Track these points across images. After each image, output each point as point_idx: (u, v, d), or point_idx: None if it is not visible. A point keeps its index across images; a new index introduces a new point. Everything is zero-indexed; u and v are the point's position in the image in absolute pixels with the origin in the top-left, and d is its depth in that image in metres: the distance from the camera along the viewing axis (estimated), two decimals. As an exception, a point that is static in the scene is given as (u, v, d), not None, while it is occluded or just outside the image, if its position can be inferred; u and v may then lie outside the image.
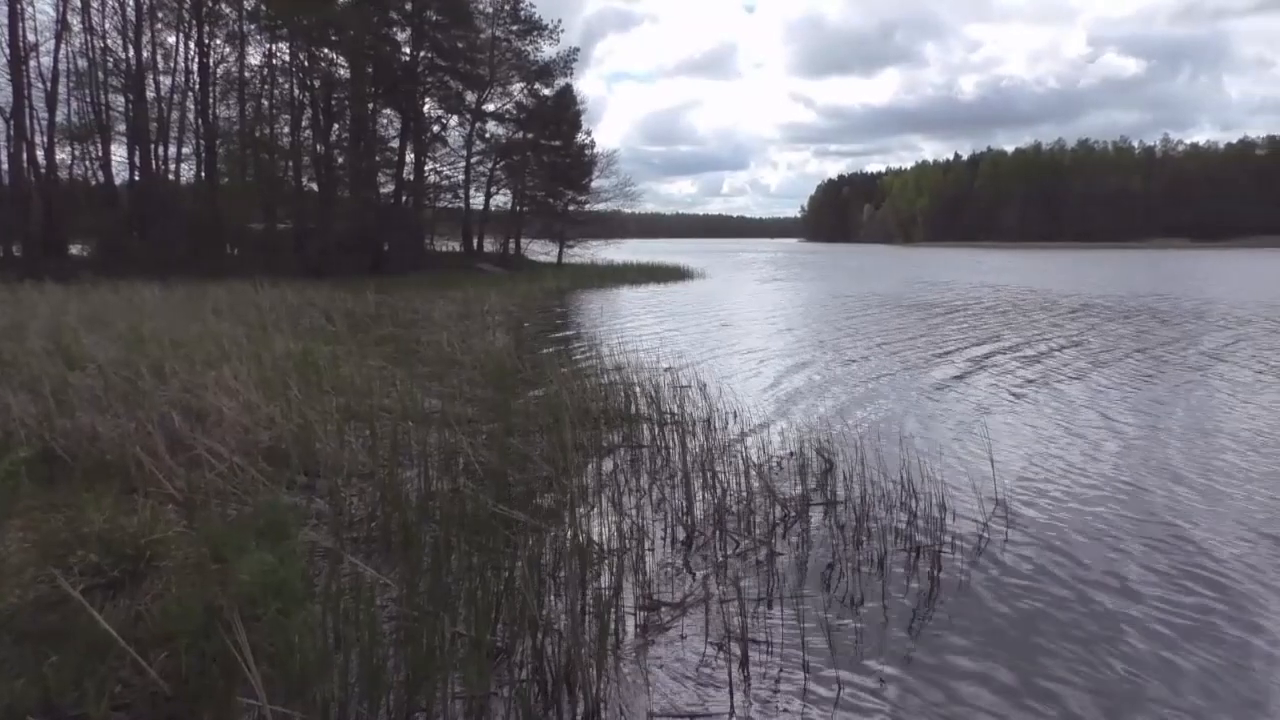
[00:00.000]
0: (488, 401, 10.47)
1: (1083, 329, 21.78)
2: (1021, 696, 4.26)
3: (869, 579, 5.70)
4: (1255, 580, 5.71)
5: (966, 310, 27.45)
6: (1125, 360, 16.06)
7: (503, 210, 55.46)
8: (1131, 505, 7.38)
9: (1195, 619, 5.14)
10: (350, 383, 10.74)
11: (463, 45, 46.34)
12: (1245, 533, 6.65)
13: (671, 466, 8.08)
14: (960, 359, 16.25)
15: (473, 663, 4.20)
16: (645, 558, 5.88)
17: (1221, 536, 6.58)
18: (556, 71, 52.73)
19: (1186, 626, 5.04)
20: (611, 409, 10.19)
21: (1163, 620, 5.12)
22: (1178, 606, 5.31)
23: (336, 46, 40.20)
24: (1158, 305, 29.18)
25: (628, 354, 14.82)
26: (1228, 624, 5.07)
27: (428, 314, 21.46)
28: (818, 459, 7.97)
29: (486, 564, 5.20)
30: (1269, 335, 20.06)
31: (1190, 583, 5.68)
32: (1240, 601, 5.38)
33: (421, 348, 15.08)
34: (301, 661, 3.95)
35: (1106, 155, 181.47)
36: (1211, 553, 6.22)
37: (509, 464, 7.61)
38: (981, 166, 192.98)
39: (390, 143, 45.54)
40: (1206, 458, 8.96)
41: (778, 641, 4.75)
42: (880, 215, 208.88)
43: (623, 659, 4.54)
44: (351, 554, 5.50)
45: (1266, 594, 5.49)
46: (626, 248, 66.43)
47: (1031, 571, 5.89)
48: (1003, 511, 7.00)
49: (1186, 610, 5.26)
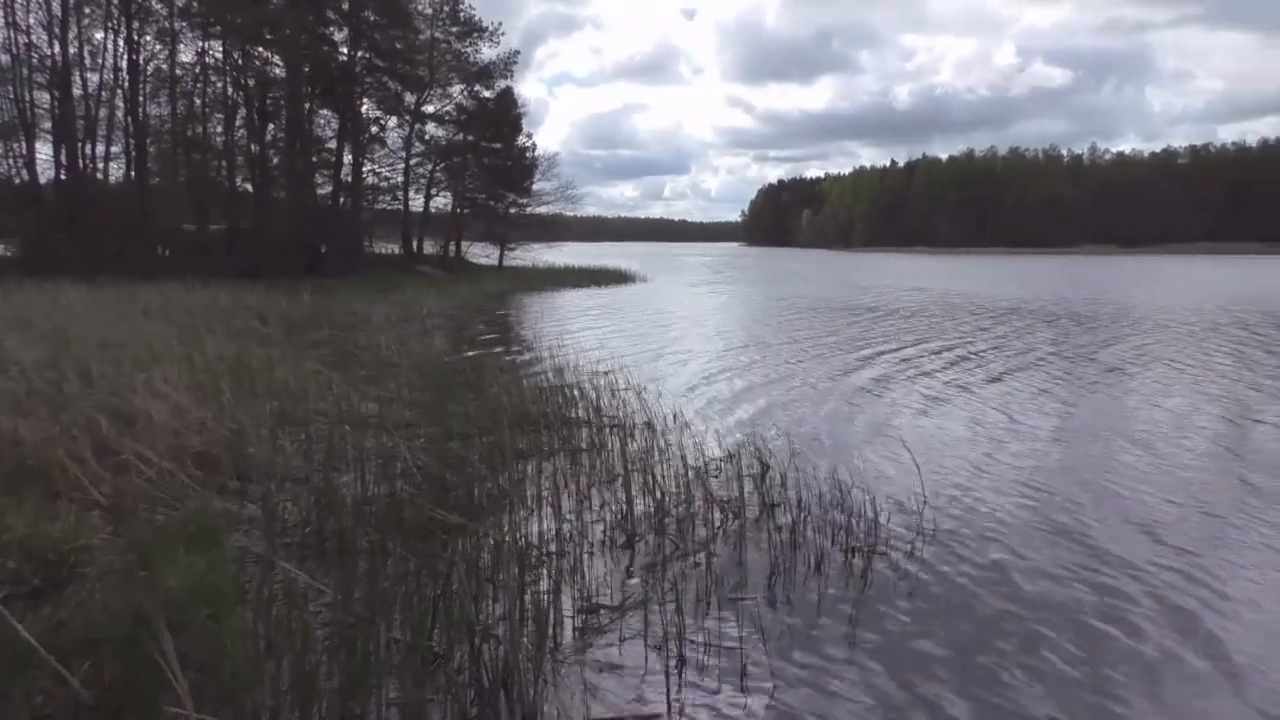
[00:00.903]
0: (426, 405, 10.37)
1: (1009, 332, 22.27)
2: (955, 689, 4.34)
3: (805, 579, 5.76)
4: (1166, 569, 5.90)
5: (898, 314, 27.89)
6: (1047, 363, 16.47)
7: (443, 212, 55.02)
8: (1052, 501, 7.59)
9: (1115, 606, 5.30)
10: (285, 386, 10.57)
11: (401, 46, 45.79)
12: (1156, 526, 6.87)
13: (611, 470, 8.09)
14: (890, 362, 16.51)
15: (409, 669, 4.16)
16: (584, 561, 5.87)
17: (1135, 528, 6.80)
18: (497, 74, 52.47)
19: (1107, 614, 5.18)
20: (551, 412, 10.16)
21: (1085, 608, 5.26)
22: (1098, 595, 5.47)
23: (271, 45, 39.47)
24: (1082, 310, 29.96)
25: (568, 357, 14.81)
26: (1144, 611, 5.23)
27: (366, 317, 21.19)
28: (755, 461, 8.03)
29: (424, 569, 5.15)
30: (1182, 340, 20.71)
31: (1108, 571, 5.85)
32: (1153, 589, 5.56)
33: (359, 351, 14.89)
34: (231, 669, 3.88)
35: (1037, 163, 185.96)
36: (1126, 543, 6.41)
37: (447, 468, 7.55)
38: (917, 173, 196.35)
39: (328, 143, 44.83)
40: (1120, 455, 9.25)
41: (715, 642, 4.78)
42: (819, 220, 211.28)
43: (561, 662, 4.53)
44: (285, 560, 5.40)
45: (1177, 581, 5.67)
46: (568, 251, 66.36)
47: (961, 568, 6.01)
48: (933, 510, 7.14)
49: (1107, 598, 5.42)
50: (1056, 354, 17.91)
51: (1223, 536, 6.76)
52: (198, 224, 40.17)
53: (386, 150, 49.72)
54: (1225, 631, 5.05)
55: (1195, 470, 8.79)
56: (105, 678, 3.88)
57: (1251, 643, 4.92)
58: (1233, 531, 6.88)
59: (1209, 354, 17.88)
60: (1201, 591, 5.63)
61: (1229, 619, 5.23)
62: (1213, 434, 10.44)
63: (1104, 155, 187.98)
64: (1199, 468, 8.93)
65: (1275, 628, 5.14)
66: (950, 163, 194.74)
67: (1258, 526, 6.98)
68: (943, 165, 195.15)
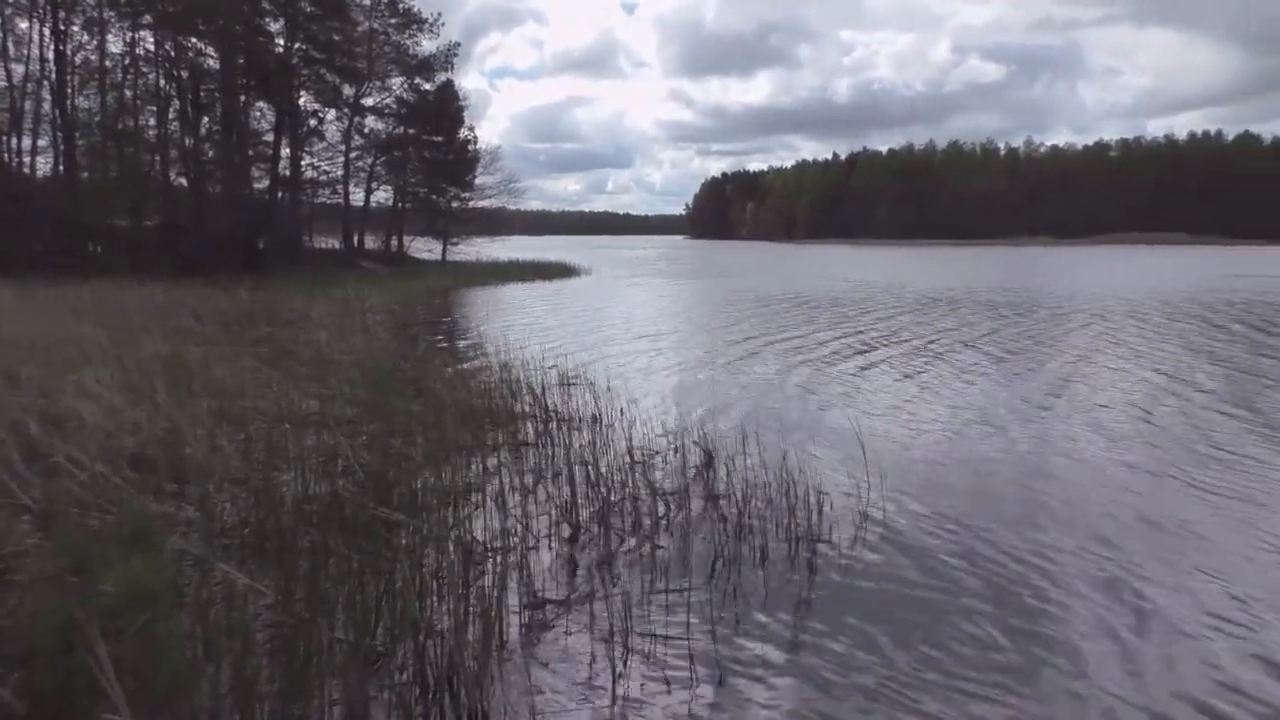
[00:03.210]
0: (368, 402, 10.24)
1: (948, 323, 22.65)
2: (899, 676, 4.41)
3: (750, 569, 5.81)
4: (1107, 549, 6.05)
5: (840, 304, 28.22)
6: (987, 349, 16.78)
7: (384, 207, 54.44)
8: (993, 488, 7.75)
9: (1057, 590, 5.43)
10: (223, 385, 10.37)
11: (339, 38, 45.17)
12: (1098, 507, 7.05)
13: (556, 464, 8.08)
14: (835, 351, 16.71)
15: (351, 668, 4.12)
16: (530, 556, 5.86)
17: (1078, 510, 6.95)
18: (437, 66, 52.03)
19: (1048, 597, 5.31)
20: (496, 407, 10.12)
21: (1029, 593, 5.38)
22: (1042, 579, 5.59)
23: (204, 36, 38.65)
24: (1018, 299, 30.58)
25: (513, 351, 14.73)
26: (1085, 594, 5.36)
27: (306, 313, 20.86)
28: (700, 452, 8.08)
29: (367, 567, 5.09)
30: (1116, 326, 21.26)
31: (1051, 555, 5.99)
32: (1094, 571, 5.70)
33: (299, 348, 14.65)
34: (169, 674, 3.80)
35: (974, 156, 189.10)
36: (1068, 526, 6.56)
37: (390, 465, 7.47)
38: (858, 166, 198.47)
39: (264, 137, 44.09)
40: (1062, 437, 9.46)
41: (662, 634, 4.80)
42: (763, 213, 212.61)
43: (507, 658, 4.52)
44: (224, 561, 5.31)
45: (1119, 561, 5.83)
46: (512, 245, 65.87)
47: (906, 554, 6.11)
48: (877, 496, 7.25)
49: (1049, 582, 5.54)
50: (999, 340, 18.26)
51: (1165, 515, 6.94)
52: (131, 220, 39.16)
53: (325, 144, 49.07)
54: (1166, 613, 5.19)
55: (1136, 450, 9.04)
56: (37, 687, 3.78)
57: (1192, 625, 5.07)
58: (1174, 511, 7.06)
59: (1145, 339, 18.38)
60: (1142, 573, 5.78)
61: (1170, 600, 5.37)
62: (1151, 413, 10.73)
63: (1038, 149, 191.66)
64: (1140, 447, 9.19)
65: (1215, 609, 5.29)
66: (890, 156, 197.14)
67: (1195, 505, 7.19)
68: (883, 158, 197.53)
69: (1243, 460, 8.65)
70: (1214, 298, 30.84)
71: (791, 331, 20.54)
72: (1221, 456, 8.80)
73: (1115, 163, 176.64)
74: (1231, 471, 8.25)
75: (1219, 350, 17.02)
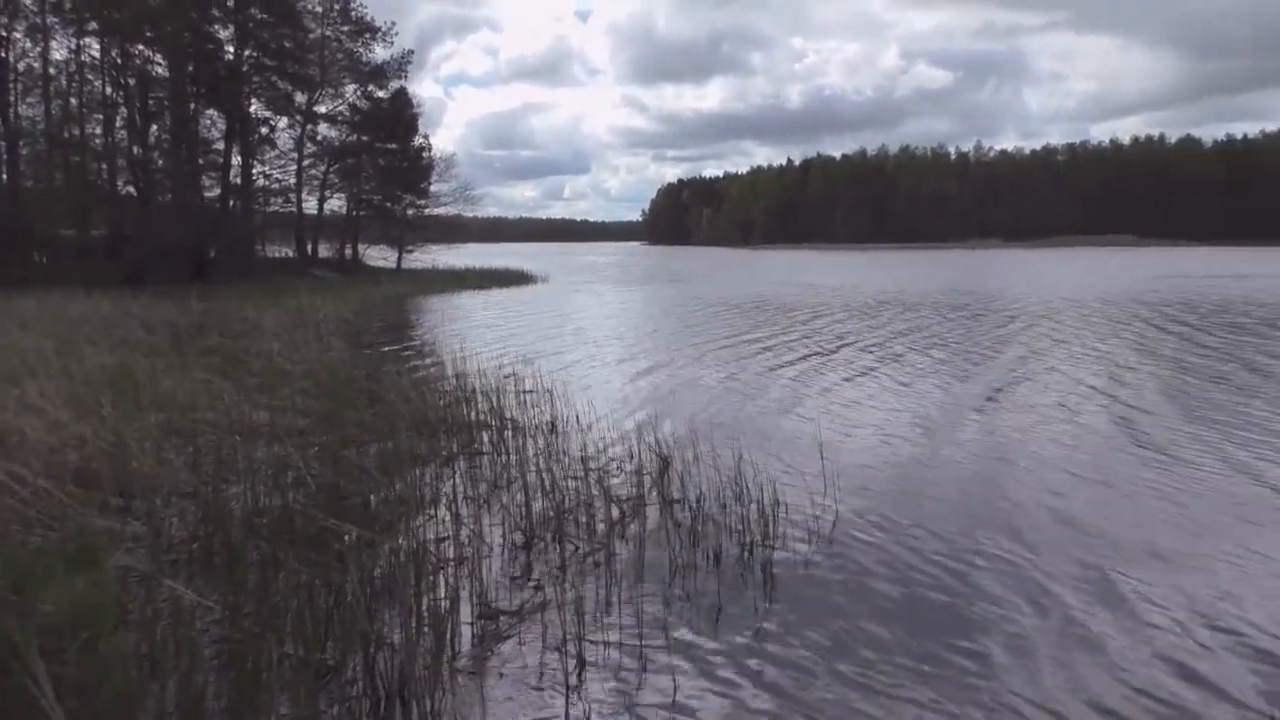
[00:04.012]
0: (321, 412, 10.14)
1: (900, 326, 22.91)
2: (853, 681, 4.43)
3: (705, 576, 5.83)
4: (1061, 549, 6.16)
5: (795, 309, 28.43)
6: (942, 352, 17.00)
7: (338, 215, 53.84)
8: (943, 489, 7.85)
9: (1011, 593, 5.50)
10: (172, 397, 10.20)
11: (290, 45, 44.71)
12: (1051, 505, 7.18)
13: (510, 472, 8.05)
14: (789, 355, 16.83)
15: (301, 683, 4.08)
16: (483, 566, 5.82)
17: (1028, 517, 7.06)
18: (390, 74, 51.70)
19: (1003, 600, 5.38)
20: (451, 416, 10.06)
21: (983, 596, 5.45)
22: (992, 581, 5.67)
23: (152, 43, 38.02)
24: (968, 301, 31.03)
25: (468, 359, 14.67)
26: (1039, 596, 5.44)
27: (257, 323, 20.56)
28: (655, 459, 8.09)
29: (317, 580, 5.04)
30: (1061, 326, 21.65)
31: (1005, 557, 6.08)
32: (1048, 572, 5.79)
33: (250, 358, 14.45)
34: (111, 693, 3.74)
35: (926, 160, 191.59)
36: (1017, 533, 6.66)
37: (343, 476, 7.40)
38: (813, 171, 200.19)
39: (215, 144, 43.46)
40: (1016, 437, 9.61)
41: (615, 642, 4.81)
42: (719, 219, 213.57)
43: (459, 670, 4.49)
44: (171, 577, 5.22)
45: (1073, 563, 5.93)
46: (468, 252, 65.70)
47: (860, 558, 6.16)
48: (832, 500, 7.31)
49: (1003, 585, 5.62)
50: (955, 344, 18.50)
51: (1120, 515, 7.06)
52: (77, 229, 38.42)
53: (277, 151, 48.58)
54: (1114, 616, 5.28)
55: (1089, 448, 9.24)
56: (-25, 709, 3.70)
57: (1154, 625, 5.17)
58: (1129, 512, 7.20)
59: (1116, 335, 18.73)
60: (1097, 573, 5.88)
61: (1128, 600, 5.47)
62: (1104, 412, 10.94)
63: (988, 153, 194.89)
64: (1092, 445, 9.42)
65: (1175, 607, 5.40)
66: (844, 161, 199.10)
67: (1151, 503, 7.34)
68: (837, 164, 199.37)
69: (1181, 461, 8.84)
70: (1157, 298, 31.52)
71: (745, 336, 20.65)
72: (1162, 460, 8.94)
73: (1063, 166, 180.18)
74: (1168, 473, 8.42)
75: (1156, 350, 17.39)
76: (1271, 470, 8.32)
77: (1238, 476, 8.16)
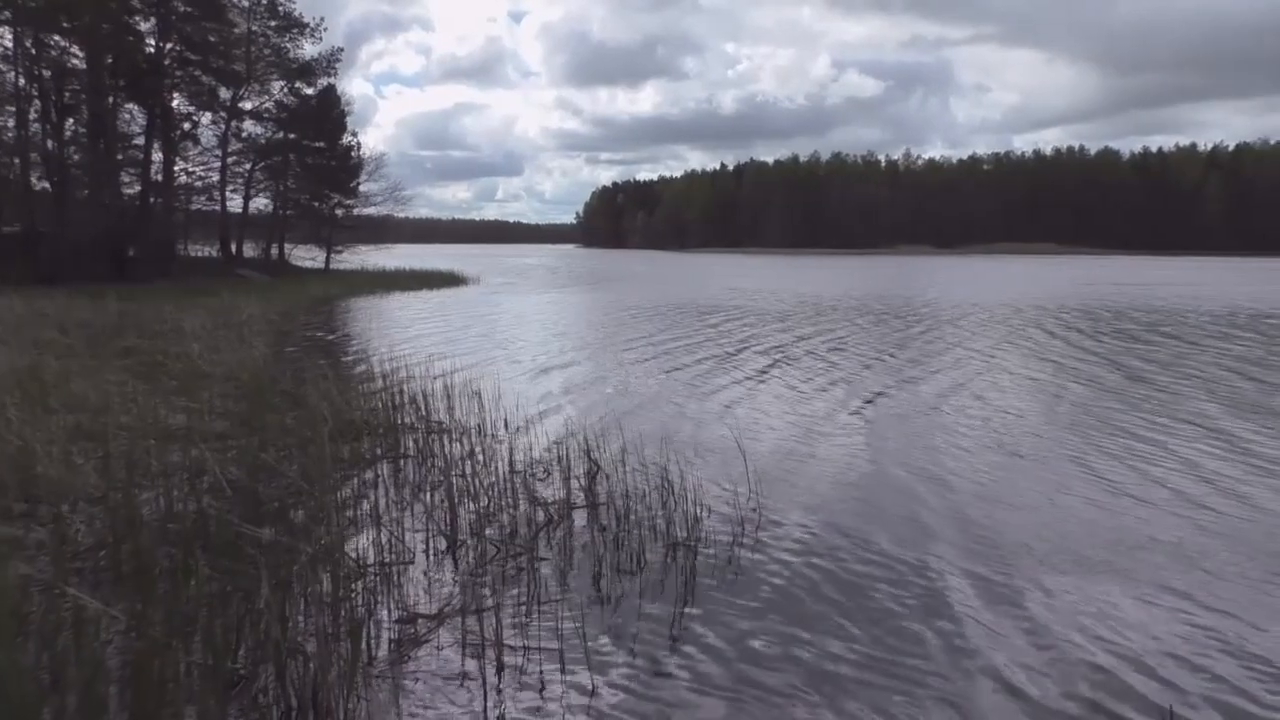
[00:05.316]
0: (241, 415, 9.92)
1: (831, 328, 23.24)
2: (771, 684, 4.47)
3: (628, 578, 5.83)
4: (984, 544, 6.30)
5: (725, 312, 28.65)
6: (870, 353, 17.29)
7: (264, 214, 52.74)
8: (864, 490, 7.97)
9: (934, 587, 5.61)
10: (84, 400, 9.89)
11: (215, 39, 43.66)
12: (974, 500, 7.34)
13: (435, 476, 7.97)
14: (717, 357, 16.95)
15: (210, 693, 3.97)
16: (404, 571, 5.76)
17: (951, 513, 7.20)
18: (319, 71, 50.85)
19: (925, 595, 5.48)
20: (376, 419, 9.92)
21: (899, 594, 5.54)
22: (913, 577, 5.77)
23: (69, 34, 36.80)
24: (895, 306, 31.62)
25: (397, 361, 14.49)
26: (962, 590, 5.55)
27: (178, 324, 20.02)
28: (582, 461, 8.07)
29: (229, 588, 4.93)
30: (988, 330, 22.20)
31: (917, 555, 6.19)
32: (971, 567, 5.91)
33: (169, 360, 14.07)
34: (9, 707, 3.60)
35: (857, 168, 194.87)
36: (940, 529, 6.80)
37: (261, 481, 7.24)
38: (746, 176, 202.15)
39: (135, 140, 42.21)
40: (927, 442, 9.79)
41: (535, 645, 4.78)
42: (654, 222, 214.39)
43: (375, 677, 4.42)
44: (77, 586, 5.04)
45: (996, 556, 6.07)
46: (399, 253, 64.81)
47: (783, 556, 6.23)
48: (756, 499, 7.39)
49: (925, 580, 5.73)
50: (878, 345, 18.82)
51: (1042, 510, 7.24)
52: (-12, 226, 37.02)
53: (201, 148, 47.32)
54: (1030, 613, 5.41)
55: (1010, 446, 9.47)
56: None
57: (1074, 615, 5.30)
58: (1050, 506, 7.39)
59: (1011, 341, 19.21)
60: (1020, 565, 6.02)
61: (1049, 594, 5.60)
62: (1024, 409, 11.21)
63: (916, 161, 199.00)
64: (1013, 442, 9.66)
65: (1096, 603, 5.54)
66: (776, 167, 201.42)
67: (1074, 500, 7.53)
68: (769, 169, 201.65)
69: (1038, 462, 9.11)
70: (1057, 304, 32.52)
71: (675, 340, 20.73)
72: (1094, 459, 9.22)
73: (989, 175, 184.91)
74: (1088, 472, 8.68)
75: (1043, 354, 17.93)
76: (1130, 476, 8.51)
77: (1100, 482, 8.33)
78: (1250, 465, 8.90)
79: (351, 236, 54.82)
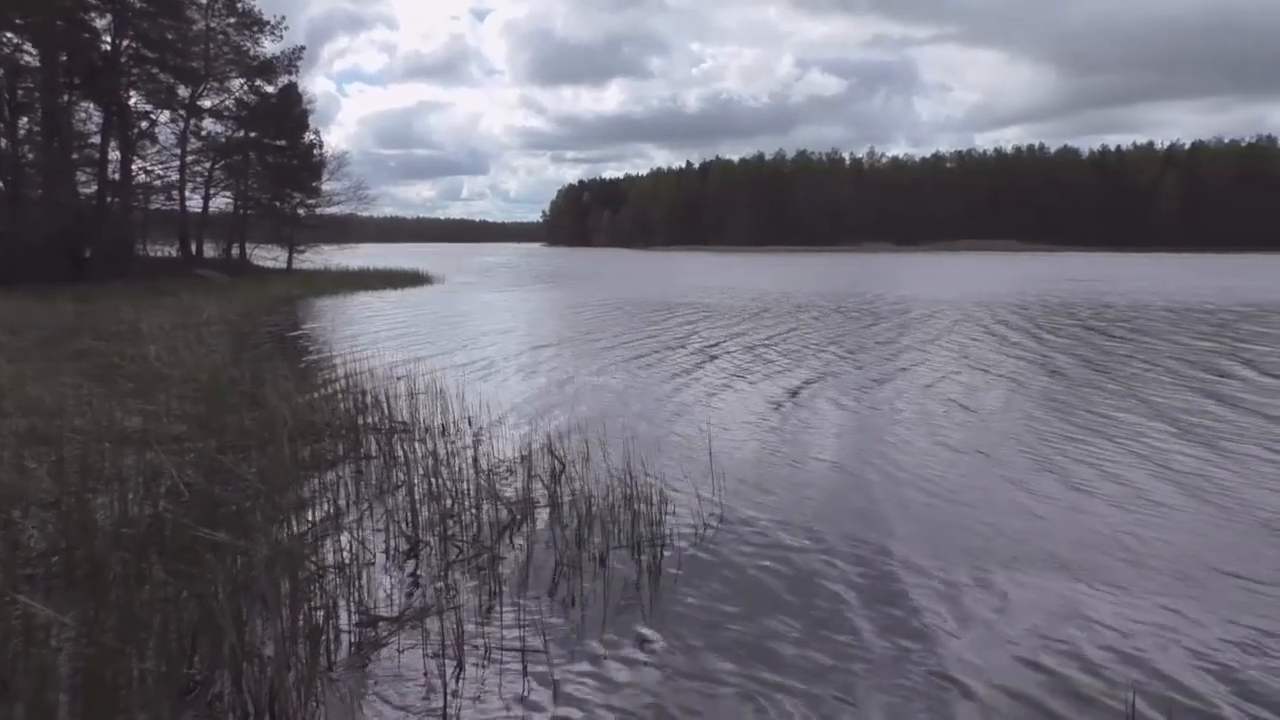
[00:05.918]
0: (199, 418, 9.78)
1: (792, 325, 23.36)
2: (734, 682, 4.46)
3: (591, 577, 5.81)
4: (949, 540, 6.34)
5: (692, 310, 28.70)
6: (830, 351, 17.39)
7: (224, 213, 52.04)
8: (829, 486, 8.02)
9: (900, 586, 5.64)
10: (38, 403, 9.71)
11: (173, 36, 43.00)
12: (939, 498, 7.39)
13: (398, 477, 7.90)
14: (683, 355, 16.97)
15: (164, 699, 3.90)
16: (364, 573, 5.68)
17: (911, 510, 7.25)
18: (280, 69, 50.28)
19: (892, 593, 5.51)
20: (338, 420, 9.82)
21: (862, 591, 5.56)
22: (877, 574, 5.80)
23: (21, 30, 36.09)
24: (860, 304, 31.86)
25: (360, 362, 14.37)
26: (928, 587, 5.59)
27: (135, 325, 19.72)
28: (546, 460, 8.04)
29: (185, 592, 4.85)
30: (950, 328, 22.42)
31: (881, 552, 6.22)
32: (937, 564, 5.95)
33: (125, 362, 13.85)
34: (-47, 718, 3.52)
35: (822, 165, 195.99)
36: (900, 526, 6.84)
37: (219, 484, 7.14)
38: (712, 174, 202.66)
39: (91, 139, 41.49)
40: (891, 438, 9.86)
41: (497, 646, 4.75)
42: (620, 220, 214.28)
43: (334, 681, 4.37)
44: (28, 593, 4.95)
45: (961, 552, 6.11)
46: (363, 252, 64.33)
47: (747, 555, 6.23)
48: (721, 497, 7.40)
49: (882, 578, 5.76)
50: (839, 343, 18.92)
51: (1004, 506, 7.31)
52: (-63, 227, 36.22)
53: (159, 147, 46.61)
54: (995, 606, 5.46)
55: (973, 442, 9.55)
56: None
57: (1036, 612, 5.36)
58: (1014, 503, 7.44)
59: (972, 340, 19.42)
60: (981, 564, 6.05)
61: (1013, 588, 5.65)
62: (987, 407, 11.33)
63: (880, 159, 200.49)
64: (977, 439, 9.75)
65: (1053, 599, 5.60)
66: (742, 165, 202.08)
67: (1034, 497, 7.61)
68: (735, 167, 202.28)
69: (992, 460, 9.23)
70: (1016, 299, 32.93)
71: (640, 337, 20.74)
72: (1048, 454, 9.33)
73: (952, 174, 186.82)
74: (1045, 466, 8.78)
75: (1000, 347, 18.15)
76: (1079, 468, 8.62)
77: (1056, 476, 8.42)
78: (1204, 458, 9.04)
79: (314, 236, 54.27)
